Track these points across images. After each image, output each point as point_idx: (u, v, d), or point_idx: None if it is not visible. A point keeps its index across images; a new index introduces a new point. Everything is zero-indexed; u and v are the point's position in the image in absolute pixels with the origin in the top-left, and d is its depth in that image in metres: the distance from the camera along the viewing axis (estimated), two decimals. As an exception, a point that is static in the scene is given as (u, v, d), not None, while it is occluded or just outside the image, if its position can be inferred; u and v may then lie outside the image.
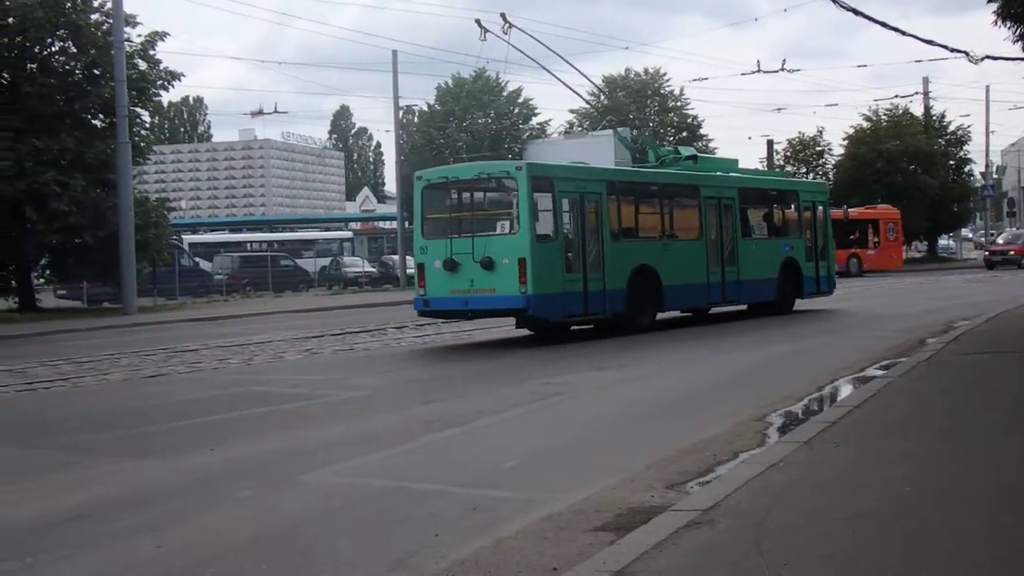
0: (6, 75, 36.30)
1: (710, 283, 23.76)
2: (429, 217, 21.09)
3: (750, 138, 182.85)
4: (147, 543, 7.17)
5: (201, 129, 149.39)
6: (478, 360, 18.61)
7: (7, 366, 18.65)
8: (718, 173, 26.21)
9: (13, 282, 37.38)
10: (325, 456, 9.85)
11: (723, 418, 11.17)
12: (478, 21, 27.29)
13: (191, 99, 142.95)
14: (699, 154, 27.18)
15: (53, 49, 36.97)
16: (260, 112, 69.89)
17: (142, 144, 38.85)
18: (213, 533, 7.44)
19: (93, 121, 37.55)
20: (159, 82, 38.47)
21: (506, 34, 27.37)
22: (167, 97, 53.16)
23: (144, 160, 42.00)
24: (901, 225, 54.18)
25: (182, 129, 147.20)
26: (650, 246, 22.52)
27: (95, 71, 36.52)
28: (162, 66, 38.37)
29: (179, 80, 39.13)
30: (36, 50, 36.34)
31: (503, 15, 27.47)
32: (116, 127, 34.44)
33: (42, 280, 42.01)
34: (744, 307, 25.81)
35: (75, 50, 36.61)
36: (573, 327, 21.89)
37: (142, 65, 37.57)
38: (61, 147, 34.17)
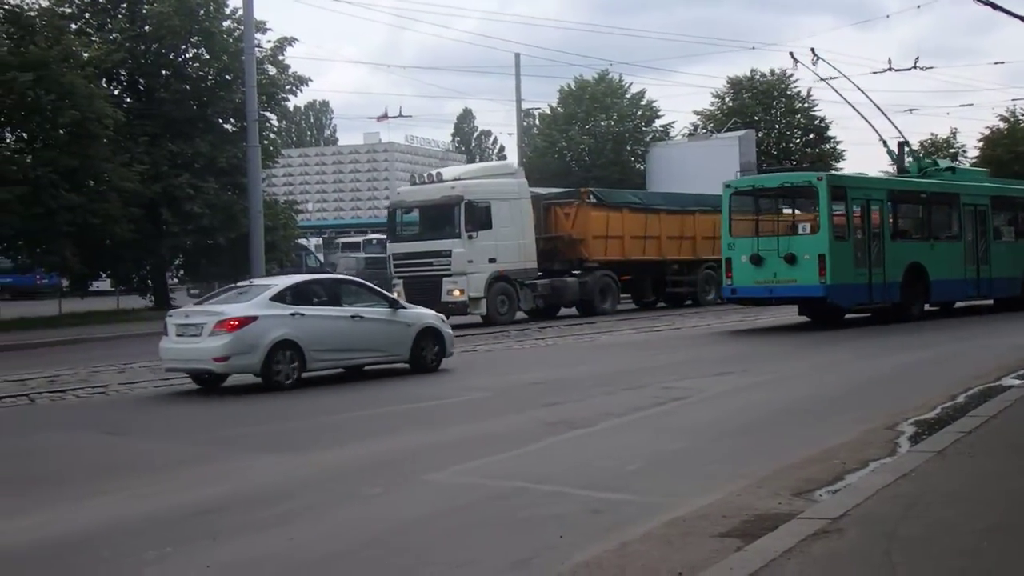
0: (142, 81, 37.51)
1: (967, 279, 26.74)
2: (736, 219, 24.43)
3: (880, 139, 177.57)
4: (280, 536, 7.35)
5: (327, 132, 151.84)
6: (597, 364, 18.58)
7: (145, 363, 19.25)
8: (973, 183, 29.09)
9: (149, 281, 38.57)
10: (450, 456, 9.95)
11: (851, 426, 10.97)
12: (791, 53, 31.86)
13: (317, 103, 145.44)
14: (955, 166, 30.01)
15: (187, 56, 38.04)
16: (385, 116, 70.68)
17: (271, 148, 39.71)
18: (343, 528, 7.60)
19: (224, 125, 38.48)
20: (287, 87, 39.27)
21: (814, 65, 30.77)
22: (294, 101, 54.24)
23: (272, 163, 42.90)
24: None
25: (308, 133, 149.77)
26: (920, 246, 25.66)
27: (227, 76, 37.42)
28: (290, 71, 39.18)
29: (306, 85, 39.91)
30: (171, 57, 37.43)
31: (812, 50, 30.79)
32: (247, 131, 35.25)
33: (175, 280, 43.24)
34: (991, 302, 28.27)
35: (208, 56, 37.59)
36: (847, 316, 24.88)
37: (271, 70, 38.38)
38: (195, 151, 35.23)
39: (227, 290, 17.77)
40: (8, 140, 32.39)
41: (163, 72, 37.38)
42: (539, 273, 29.68)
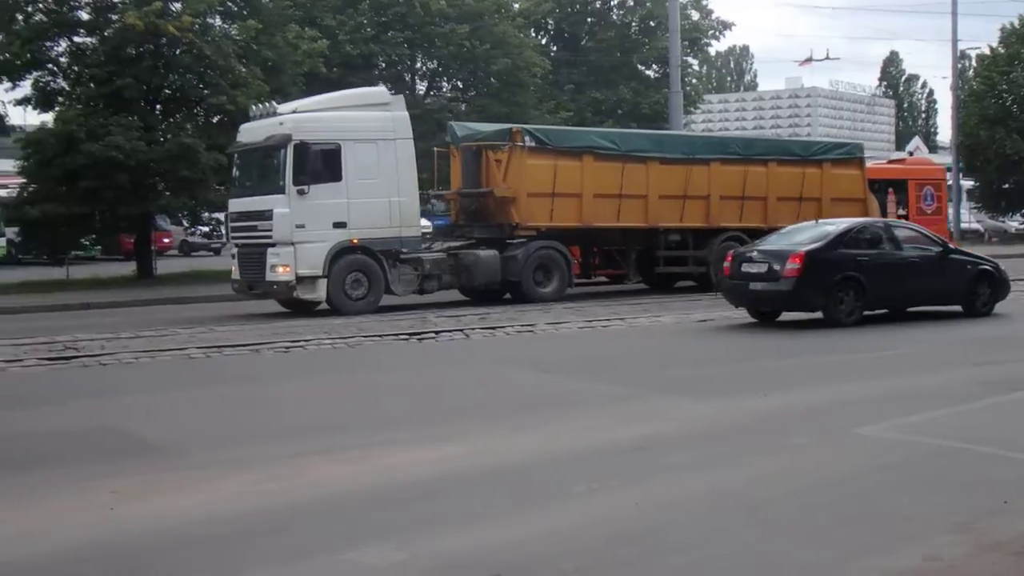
0: (568, 30, 38.65)
1: None
2: None
3: None
4: (695, 481, 7.34)
5: (747, 78, 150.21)
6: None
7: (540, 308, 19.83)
8: None
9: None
10: (878, 411, 9.55)
11: None
12: None
13: (737, 48, 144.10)
14: None
15: (612, 3, 38.82)
16: (809, 59, 69.05)
17: (692, 94, 39.84)
18: (767, 477, 7.48)
19: (647, 72, 39.03)
20: (710, 32, 39.21)
21: None
22: (716, 46, 54.24)
23: (693, 109, 43.03)
24: (945, 188, 34.51)
25: (729, 78, 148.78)
26: None
27: (650, 23, 37.89)
28: (713, 16, 39.08)
29: (730, 29, 39.77)
30: (596, 5, 38.33)
31: None
32: (669, 77, 35.48)
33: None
34: None
35: (632, 3, 38.18)
36: None
37: (694, 15, 38.48)
38: (618, 97, 35.98)
39: None
40: (445, 88, 34.50)
41: (588, 20, 38.36)
42: (448, 244, 21.90)
